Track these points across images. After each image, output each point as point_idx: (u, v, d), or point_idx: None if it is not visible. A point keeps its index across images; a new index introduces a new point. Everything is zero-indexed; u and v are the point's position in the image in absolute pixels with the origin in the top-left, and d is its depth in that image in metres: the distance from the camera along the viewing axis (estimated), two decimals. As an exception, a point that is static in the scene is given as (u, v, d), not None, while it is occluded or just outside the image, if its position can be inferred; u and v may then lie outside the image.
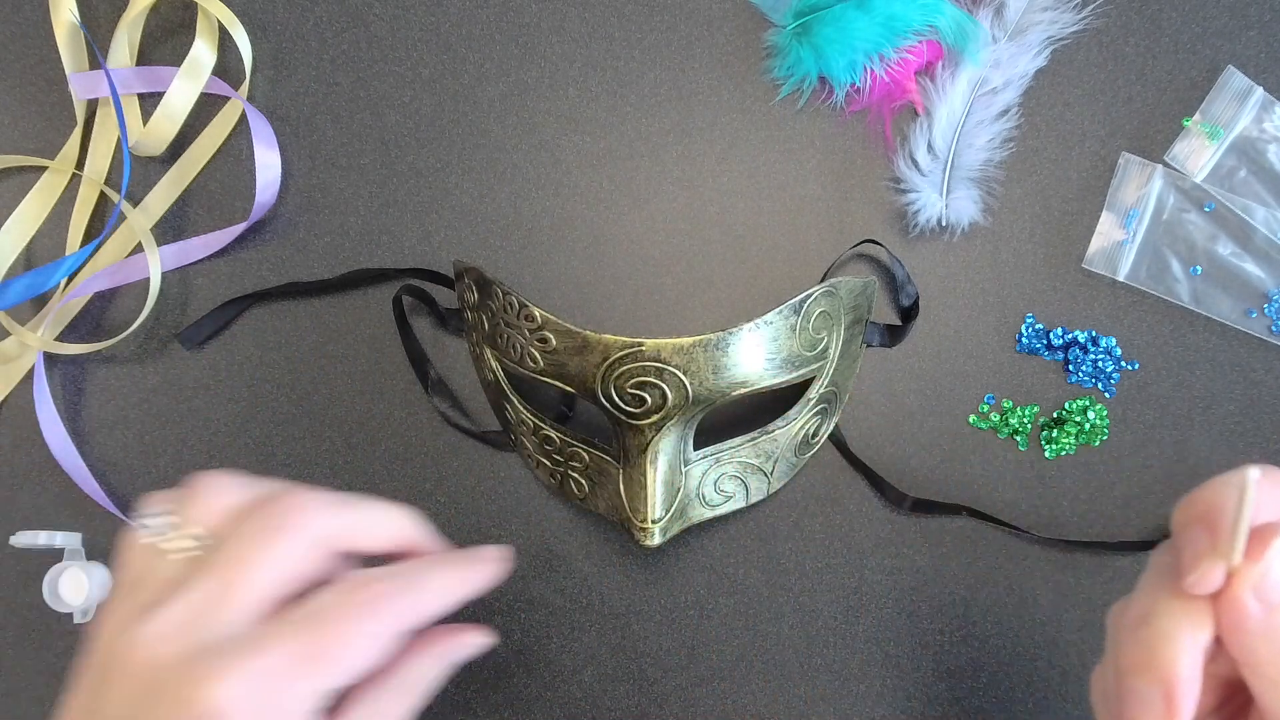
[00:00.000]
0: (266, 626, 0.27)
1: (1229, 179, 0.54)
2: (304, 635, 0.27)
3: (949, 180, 0.54)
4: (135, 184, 0.56)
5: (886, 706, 0.54)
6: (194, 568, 0.28)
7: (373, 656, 0.27)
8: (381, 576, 0.29)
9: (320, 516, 0.29)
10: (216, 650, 0.26)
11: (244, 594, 0.27)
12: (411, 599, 0.28)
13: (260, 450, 0.56)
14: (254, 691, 0.25)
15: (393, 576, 0.29)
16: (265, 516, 0.28)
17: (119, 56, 0.56)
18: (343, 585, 0.28)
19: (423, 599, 0.29)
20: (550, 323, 0.47)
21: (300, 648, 0.26)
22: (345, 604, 0.27)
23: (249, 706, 0.25)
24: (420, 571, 0.30)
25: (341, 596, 0.28)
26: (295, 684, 0.26)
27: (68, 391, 0.56)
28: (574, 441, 0.51)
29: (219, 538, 0.29)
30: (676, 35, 0.56)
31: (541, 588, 0.55)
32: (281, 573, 0.28)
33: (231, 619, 0.27)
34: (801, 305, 0.48)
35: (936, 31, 0.54)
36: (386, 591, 0.28)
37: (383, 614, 0.27)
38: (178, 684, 0.26)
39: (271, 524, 0.28)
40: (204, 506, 0.30)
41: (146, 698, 0.26)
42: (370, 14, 0.57)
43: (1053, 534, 0.54)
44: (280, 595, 0.28)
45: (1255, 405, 0.54)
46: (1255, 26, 0.55)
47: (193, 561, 0.28)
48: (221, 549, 0.28)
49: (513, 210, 0.56)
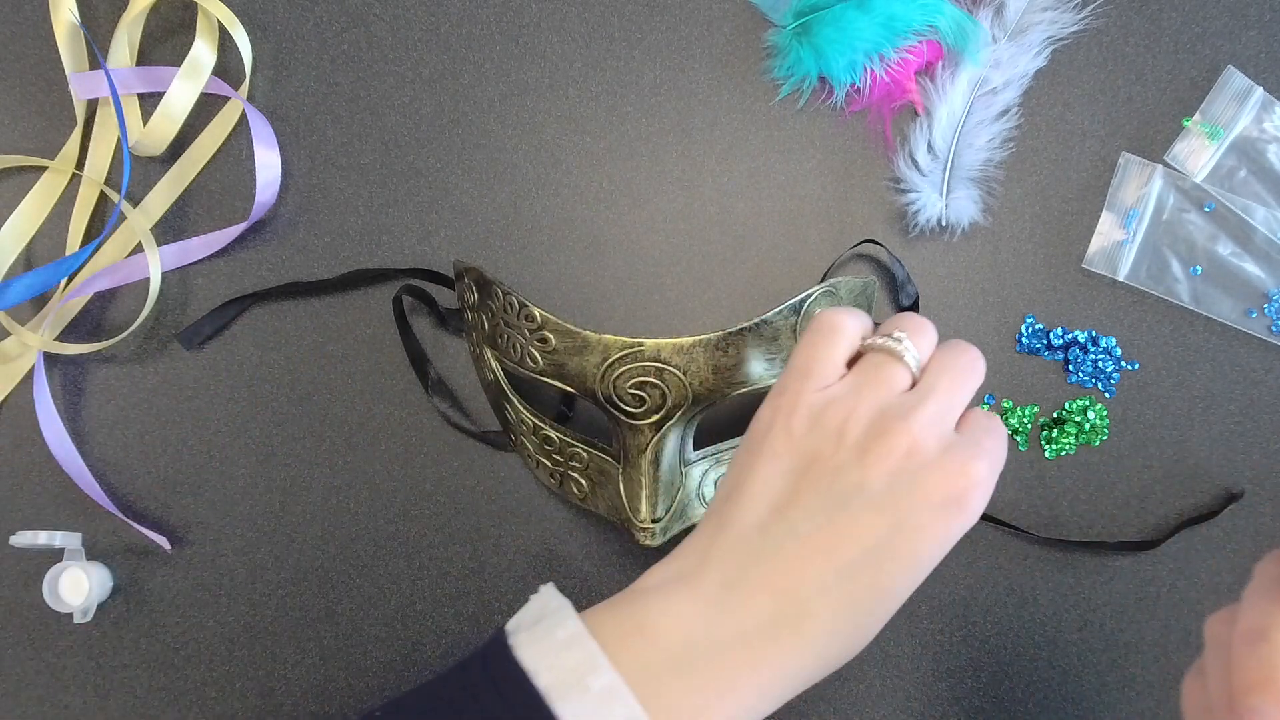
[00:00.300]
0: (968, 435, 0.37)
1: (1229, 179, 0.54)
2: (989, 438, 0.37)
3: (949, 180, 0.54)
4: (135, 184, 0.56)
5: (886, 706, 0.54)
6: (880, 375, 0.38)
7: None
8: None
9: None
10: (960, 442, 0.36)
11: (957, 410, 0.38)
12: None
13: (260, 450, 0.56)
14: (988, 470, 0.36)
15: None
16: (968, 359, 0.39)
17: (119, 56, 0.56)
18: (989, 414, 0.39)
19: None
20: (550, 323, 0.47)
21: (991, 443, 0.37)
22: (996, 424, 0.38)
23: (988, 480, 0.36)
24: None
25: (992, 420, 0.38)
26: (995, 470, 0.37)
27: (68, 391, 0.56)
28: (574, 441, 0.51)
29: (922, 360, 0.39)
30: (676, 35, 0.56)
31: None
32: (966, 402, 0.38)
33: (951, 427, 0.37)
34: (801, 305, 0.48)
35: (936, 31, 0.54)
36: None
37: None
38: (943, 463, 0.35)
39: (969, 366, 0.38)
40: (923, 340, 0.39)
41: (914, 467, 0.35)
42: (370, 14, 0.57)
43: (1053, 534, 0.54)
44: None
45: (1255, 405, 0.54)
46: (1255, 26, 0.55)
47: (877, 369, 0.38)
48: (943, 375, 0.38)
49: (513, 210, 0.56)
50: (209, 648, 0.55)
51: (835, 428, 0.36)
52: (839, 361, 0.39)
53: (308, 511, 0.55)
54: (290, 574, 0.55)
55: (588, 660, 0.34)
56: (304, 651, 0.55)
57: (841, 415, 0.37)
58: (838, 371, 0.39)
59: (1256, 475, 0.54)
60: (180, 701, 0.55)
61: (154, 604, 0.55)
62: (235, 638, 0.55)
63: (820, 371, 0.38)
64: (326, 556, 0.55)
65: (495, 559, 0.55)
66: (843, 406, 0.37)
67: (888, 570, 0.35)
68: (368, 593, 0.55)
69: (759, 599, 0.35)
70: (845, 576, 0.35)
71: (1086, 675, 0.54)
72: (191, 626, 0.55)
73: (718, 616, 0.35)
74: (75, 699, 0.55)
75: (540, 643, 0.35)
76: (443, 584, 0.55)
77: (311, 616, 0.55)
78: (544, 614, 0.36)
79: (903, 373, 0.38)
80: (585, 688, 0.33)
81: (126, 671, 0.55)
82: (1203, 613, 0.54)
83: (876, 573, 0.35)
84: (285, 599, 0.55)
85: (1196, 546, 0.54)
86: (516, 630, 0.36)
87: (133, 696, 0.55)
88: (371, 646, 0.55)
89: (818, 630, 0.35)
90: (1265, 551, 0.54)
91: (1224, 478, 0.54)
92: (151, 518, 0.55)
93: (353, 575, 0.55)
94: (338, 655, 0.55)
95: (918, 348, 0.38)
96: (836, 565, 0.35)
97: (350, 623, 0.55)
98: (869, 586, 0.35)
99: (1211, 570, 0.54)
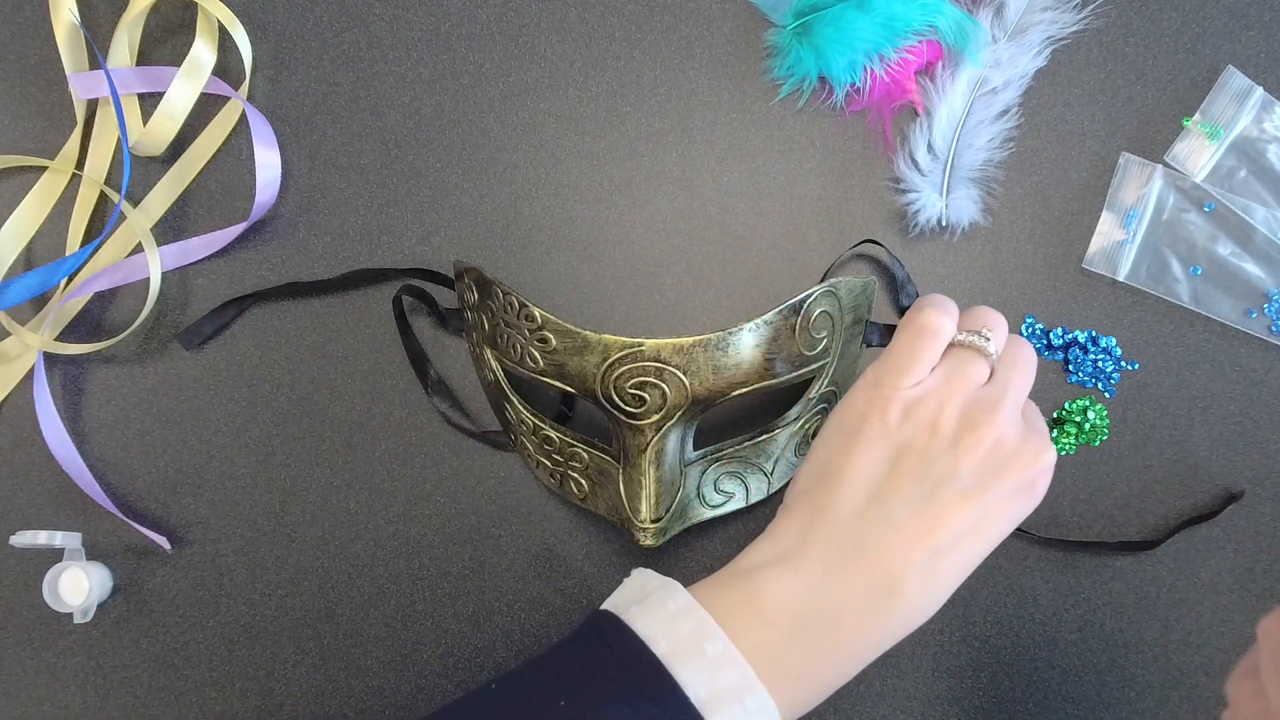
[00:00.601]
0: (1032, 424, 0.42)
1: (1229, 179, 0.54)
2: (1042, 423, 0.42)
3: (949, 180, 0.54)
4: (135, 184, 0.56)
5: (887, 706, 0.54)
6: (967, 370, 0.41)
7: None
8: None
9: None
10: (1032, 432, 0.41)
11: (1023, 401, 0.42)
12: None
13: (260, 450, 0.56)
14: (1053, 457, 0.41)
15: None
16: (1029, 353, 0.43)
17: (119, 56, 0.56)
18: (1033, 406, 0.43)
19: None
20: (550, 323, 0.47)
21: (1044, 426, 0.43)
22: (1035, 411, 0.43)
23: (1053, 465, 0.41)
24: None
25: (1036, 412, 0.43)
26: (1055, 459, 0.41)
27: (68, 391, 0.56)
28: (574, 441, 0.51)
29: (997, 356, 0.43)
30: (676, 35, 0.56)
31: (541, 588, 0.55)
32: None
33: (1021, 418, 0.41)
34: (801, 305, 0.48)
35: (936, 31, 0.54)
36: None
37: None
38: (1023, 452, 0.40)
39: (1031, 360, 0.43)
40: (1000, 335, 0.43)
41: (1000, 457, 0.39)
42: (370, 14, 0.57)
43: (1053, 534, 0.54)
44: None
45: (1255, 405, 0.54)
46: (1255, 26, 0.55)
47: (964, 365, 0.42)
48: (1015, 369, 0.42)
49: (513, 210, 0.56)
50: (209, 648, 0.55)
51: (928, 420, 0.40)
52: (935, 360, 0.42)
53: (308, 511, 0.55)
54: (290, 574, 0.55)
55: (701, 628, 0.38)
56: (304, 651, 0.55)
57: (934, 408, 0.41)
58: (931, 368, 0.42)
59: (1256, 475, 0.54)
60: (180, 701, 0.55)
61: (154, 604, 0.55)
62: (235, 638, 0.55)
63: (918, 370, 0.42)
64: (326, 556, 0.55)
65: (495, 559, 0.55)
66: (935, 400, 0.41)
67: (969, 547, 0.39)
68: (368, 593, 0.55)
69: (859, 579, 0.39)
70: (935, 557, 0.39)
71: (1086, 675, 0.54)
72: (191, 626, 0.55)
73: (822, 594, 0.39)
74: (75, 699, 0.55)
75: (653, 614, 0.38)
76: (443, 584, 0.55)
77: (311, 616, 0.55)
78: (647, 591, 0.40)
79: (985, 367, 0.42)
80: (702, 651, 0.37)
81: (126, 671, 0.55)
82: (1203, 613, 0.54)
83: (961, 551, 0.39)
84: (285, 599, 0.55)
85: (1196, 546, 0.54)
86: (624, 607, 0.39)
87: (133, 696, 0.55)
88: (371, 646, 0.55)
89: (906, 605, 0.39)
90: (1265, 551, 0.54)
91: (1224, 478, 0.54)
92: (151, 518, 0.55)
93: (353, 575, 0.55)
94: (338, 655, 0.55)
95: (996, 342, 0.42)
96: (928, 548, 0.39)
97: (350, 623, 0.55)
98: (953, 564, 0.39)
99: (1211, 570, 0.54)
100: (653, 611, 0.38)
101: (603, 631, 0.38)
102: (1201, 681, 0.54)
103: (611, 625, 0.38)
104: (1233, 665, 0.53)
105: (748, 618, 0.38)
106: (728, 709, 0.36)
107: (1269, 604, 0.54)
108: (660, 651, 0.37)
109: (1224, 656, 0.54)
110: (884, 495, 0.40)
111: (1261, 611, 0.54)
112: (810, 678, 0.39)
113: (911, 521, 0.39)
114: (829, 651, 0.39)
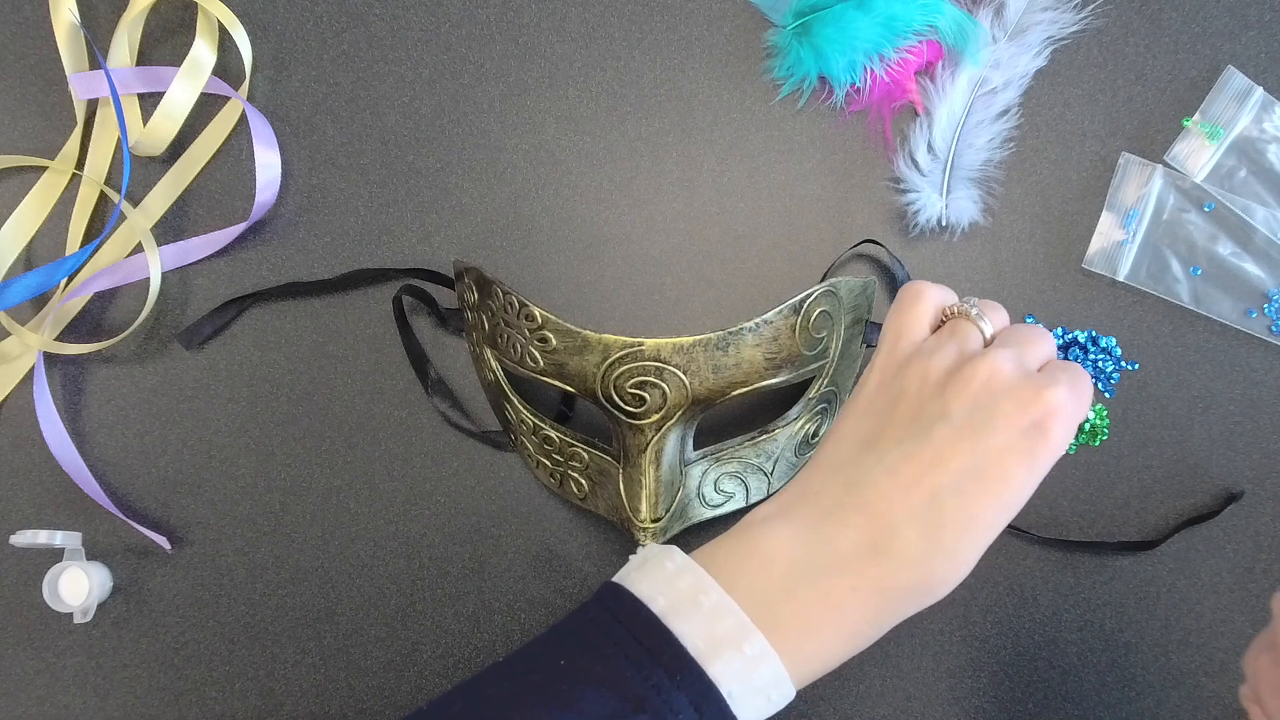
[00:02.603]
0: (1047, 372, 0.39)
1: (1229, 179, 0.54)
2: (1072, 378, 0.39)
3: (949, 180, 0.54)
4: (135, 184, 0.56)
5: (887, 706, 0.54)
6: (959, 330, 0.41)
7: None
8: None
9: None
10: (1041, 376, 0.38)
11: (1034, 358, 0.40)
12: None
13: (260, 450, 0.56)
14: (1069, 399, 0.37)
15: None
16: (1035, 328, 0.42)
17: (119, 56, 0.56)
18: (1072, 365, 0.41)
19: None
20: (550, 322, 0.47)
21: (1071, 383, 0.38)
22: (1081, 372, 0.40)
23: (1070, 408, 0.37)
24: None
25: (1076, 369, 0.40)
26: (1079, 406, 0.38)
27: (68, 391, 0.56)
28: (574, 441, 0.51)
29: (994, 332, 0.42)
30: (676, 35, 0.56)
31: (541, 588, 0.55)
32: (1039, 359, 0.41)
33: (1031, 366, 0.40)
34: (801, 305, 0.48)
35: (936, 31, 0.54)
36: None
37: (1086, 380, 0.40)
38: (1020, 389, 0.37)
39: (1038, 331, 0.41)
40: (996, 314, 0.42)
41: (992, 392, 0.37)
42: (370, 14, 0.57)
43: (1053, 534, 0.54)
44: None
45: (1255, 405, 0.54)
46: (1255, 26, 0.55)
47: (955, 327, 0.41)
48: (1014, 334, 0.41)
49: (513, 210, 0.56)
50: (209, 648, 0.55)
51: (919, 371, 0.40)
52: (924, 321, 0.42)
53: (308, 511, 0.55)
54: (290, 574, 0.55)
55: (697, 583, 0.37)
56: (304, 651, 0.55)
57: (925, 360, 0.40)
58: (923, 331, 0.42)
59: (1256, 475, 0.54)
60: (180, 701, 0.55)
61: (154, 604, 0.55)
62: (235, 638, 0.55)
63: (909, 331, 0.42)
64: (326, 556, 0.55)
65: (495, 559, 0.55)
66: (926, 353, 0.40)
67: (974, 496, 0.37)
68: (368, 593, 0.55)
69: (853, 524, 0.38)
70: (934, 501, 0.37)
71: (1086, 675, 0.54)
72: (191, 626, 0.55)
73: (816, 541, 0.38)
74: (75, 699, 0.55)
75: (652, 575, 0.38)
76: (443, 584, 0.55)
77: (311, 616, 0.55)
78: (646, 557, 0.40)
79: (978, 334, 0.41)
80: (697, 604, 0.37)
81: (126, 671, 0.55)
82: (1203, 613, 0.54)
83: (963, 497, 0.37)
84: (285, 599, 0.55)
85: (1196, 546, 0.54)
86: (626, 574, 0.40)
87: (133, 696, 0.55)
88: (371, 646, 0.55)
89: (908, 550, 0.37)
90: (1265, 551, 0.54)
91: (1224, 478, 0.54)
92: (151, 518, 0.55)
93: (353, 575, 0.55)
94: (338, 655, 0.55)
95: (991, 321, 0.42)
96: (925, 490, 0.37)
97: (350, 623, 0.55)
98: (957, 511, 0.37)
99: (1211, 570, 0.54)
100: (652, 574, 0.38)
101: (603, 597, 0.39)
102: (1201, 681, 0.54)
103: (612, 591, 0.39)
104: (1232, 665, 0.54)
105: (742, 569, 0.38)
106: (726, 655, 0.36)
107: (1269, 604, 0.54)
108: (658, 608, 0.37)
109: (1224, 656, 0.54)
110: (877, 440, 0.39)
111: (1262, 611, 0.54)
112: (813, 630, 0.38)
113: (903, 464, 0.38)
114: (830, 601, 0.37)
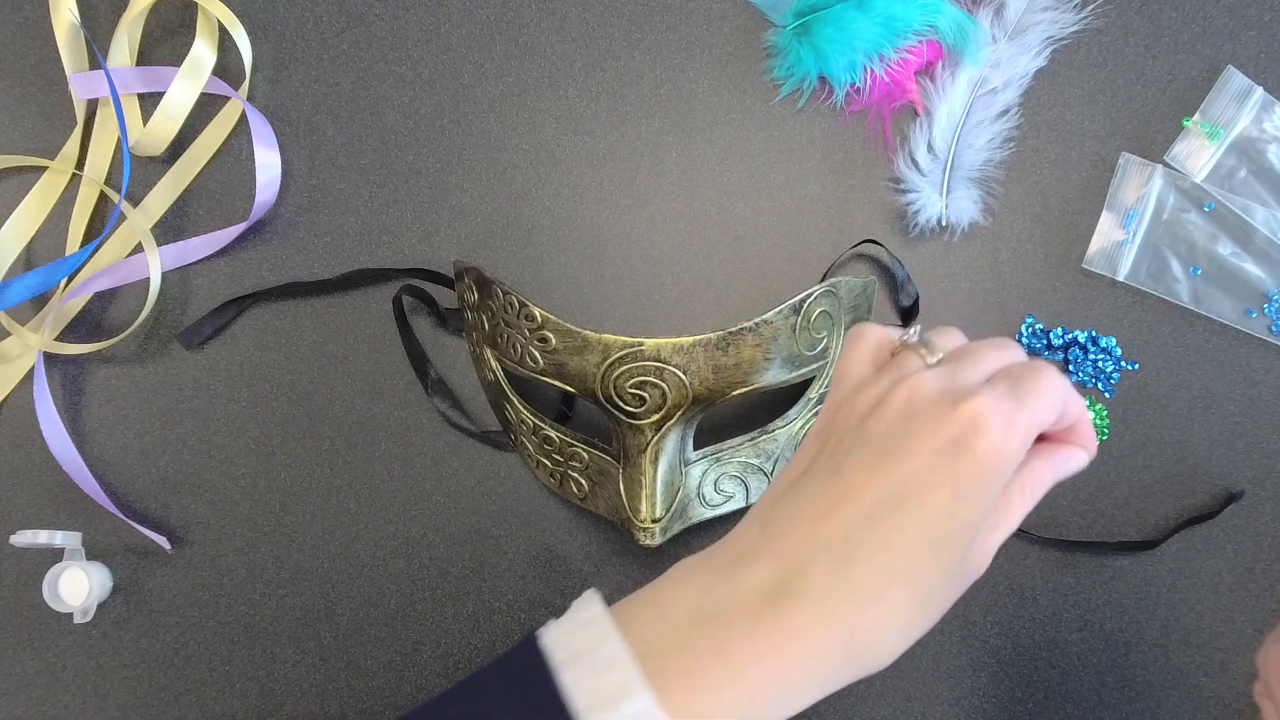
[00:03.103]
0: (989, 381, 0.36)
1: (1229, 179, 0.54)
2: (1015, 383, 0.35)
3: (949, 180, 0.54)
4: (135, 184, 0.56)
5: (886, 706, 0.54)
6: (901, 363, 0.38)
7: (1053, 414, 0.36)
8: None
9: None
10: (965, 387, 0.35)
11: (973, 371, 0.37)
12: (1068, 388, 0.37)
13: (260, 450, 0.56)
14: (996, 408, 0.33)
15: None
16: (992, 341, 0.39)
17: (119, 56, 0.56)
18: (1032, 362, 0.37)
19: (1073, 397, 0.38)
20: (550, 322, 0.47)
21: (1013, 387, 0.35)
22: (1038, 368, 0.36)
23: (999, 419, 0.33)
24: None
25: (1032, 366, 0.37)
26: (1017, 412, 0.34)
27: (68, 391, 0.56)
28: (574, 441, 0.51)
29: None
30: (676, 35, 0.56)
31: (541, 588, 0.55)
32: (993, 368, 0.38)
33: (964, 381, 0.36)
34: (801, 305, 0.48)
35: (936, 31, 0.54)
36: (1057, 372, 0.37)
37: (1061, 382, 0.36)
38: (936, 406, 0.34)
39: (995, 342, 0.39)
40: (944, 338, 0.39)
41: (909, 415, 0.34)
42: (370, 14, 0.57)
43: (1053, 534, 0.54)
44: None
45: (1255, 405, 0.54)
46: (1255, 26, 0.55)
47: (897, 361, 0.38)
48: (961, 350, 0.38)
49: (513, 210, 0.56)
50: (209, 648, 0.55)
51: (848, 407, 0.37)
52: (864, 361, 0.39)
53: (308, 511, 0.55)
54: (290, 574, 0.55)
55: (599, 634, 0.35)
56: (304, 651, 0.55)
57: (855, 396, 0.37)
58: (864, 371, 0.39)
59: (1256, 475, 0.54)
60: (180, 701, 0.55)
61: (154, 604, 0.55)
62: (235, 638, 0.55)
63: (849, 372, 0.39)
64: (326, 556, 0.55)
65: (495, 559, 0.55)
66: (863, 392, 0.38)
67: (889, 525, 0.33)
68: (368, 593, 0.55)
69: (761, 566, 0.35)
70: (846, 534, 0.34)
71: (1086, 675, 0.54)
72: (191, 626, 0.55)
73: (719, 585, 0.35)
74: (75, 699, 0.55)
75: (567, 623, 0.37)
76: (443, 584, 0.55)
77: (311, 616, 0.55)
78: (577, 604, 0.38)
79: (918, 361, 0.38)
80: (592, 656, 0.35)
81: (126, 671, 0.55)
82: (1203, 613, 0.54)
83: (877, 528, 0.33)
84: (285, 599, 0.55)
85: (1196, 546, 0.54)
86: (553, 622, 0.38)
87: (133, 696, 0.55)
88: (371, 646, 0.55)
89: (814, 590, 0.33)
90: (1265, 551, 0.54)
91: (1224, 478, 0.54)
92: (151, 518, 0.55)
93: (353, 575, 0.55)
94: (338, 655, 0.55)
95: (940, 344, 0.39)
96: (836, 523, 0.34)
97: (350, 623, 0.55)
98: (872, 543, 0.33)
99: (1211, 570, 0.54)
100: (565, 623, 0.37)
101: (519, 650, 0.37)
102: (1201, 681, 0.54)
103: (527, 640, 0.37)
104: (1233, 665, 0.54)
105: (649, 619, 0.36)
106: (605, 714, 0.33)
107: (1269, 604, 0.54)
108: (557, 660, 0.35)
109: (1224, 656, 0.54)
110: (798, 480, 0.37)
111: (1262, 611, 0.54)
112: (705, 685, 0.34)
113: (817, 499, 0.35)
114: (723, 652, 0.34)
